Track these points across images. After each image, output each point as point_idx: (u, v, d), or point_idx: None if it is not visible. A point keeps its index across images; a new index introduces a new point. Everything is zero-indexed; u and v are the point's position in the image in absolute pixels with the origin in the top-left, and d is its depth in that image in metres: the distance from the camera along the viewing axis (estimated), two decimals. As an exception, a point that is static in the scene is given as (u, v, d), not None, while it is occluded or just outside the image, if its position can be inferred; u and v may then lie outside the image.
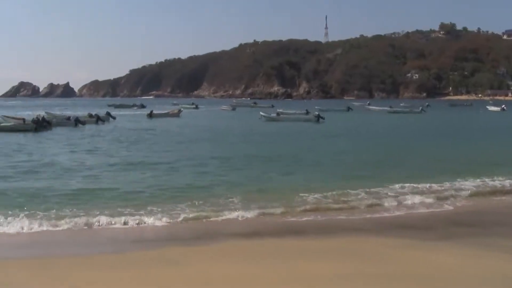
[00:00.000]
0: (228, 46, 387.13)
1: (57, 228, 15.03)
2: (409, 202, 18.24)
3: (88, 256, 12.60)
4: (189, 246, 13.22)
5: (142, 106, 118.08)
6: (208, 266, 11.37)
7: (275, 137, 45.85)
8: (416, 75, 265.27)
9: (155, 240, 14.17)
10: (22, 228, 14.93)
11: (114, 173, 24.92)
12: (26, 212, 16.23)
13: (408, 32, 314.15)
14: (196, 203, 17.72)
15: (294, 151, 34.31)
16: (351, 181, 21.62)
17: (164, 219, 15.76)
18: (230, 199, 18.23)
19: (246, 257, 12.11)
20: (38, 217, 15.89)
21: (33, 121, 53.25)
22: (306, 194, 18.92)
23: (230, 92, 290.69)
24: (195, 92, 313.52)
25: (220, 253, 12.55)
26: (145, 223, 15.60)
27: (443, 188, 20.53)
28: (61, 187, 20.87)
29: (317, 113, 73.63)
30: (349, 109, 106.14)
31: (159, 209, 16.74)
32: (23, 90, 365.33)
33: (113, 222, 15.52)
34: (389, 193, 19.40)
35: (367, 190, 19.72)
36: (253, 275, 10.60)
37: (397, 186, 20.54)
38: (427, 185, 20.72)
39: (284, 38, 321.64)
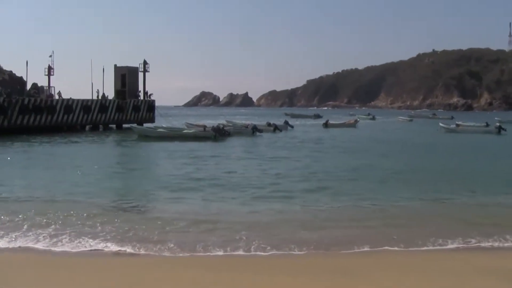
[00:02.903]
0: (406, 56, 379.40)
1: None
2: None
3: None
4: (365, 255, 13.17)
5: (318, 116, 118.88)
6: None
7: (458, 151, 43.97)
8: None
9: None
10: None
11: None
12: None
13: None
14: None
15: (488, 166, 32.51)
16: None
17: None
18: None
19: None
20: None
21: (213, 129, 55.39)
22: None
23: (408, 103, 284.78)
24: (372, 103, 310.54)
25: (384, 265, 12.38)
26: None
27: None
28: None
29: (498, 124, 70.63)
30: None
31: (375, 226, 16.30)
32: (204, 100, 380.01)
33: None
34: None
35: None
36: None
37: None
38: None
39: (464, 47, 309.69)
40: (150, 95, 75.82)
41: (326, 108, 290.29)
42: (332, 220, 16.92)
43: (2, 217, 16.81)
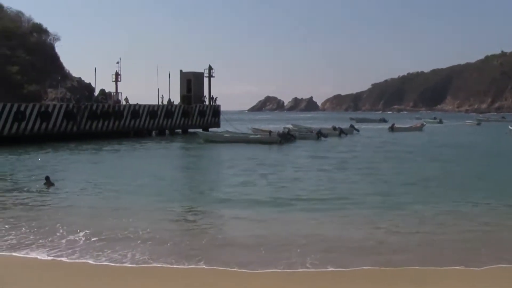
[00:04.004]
0: (473, 58, 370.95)
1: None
2: None
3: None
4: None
5: (384, 120, 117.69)
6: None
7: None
8: None
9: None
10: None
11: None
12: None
13: None
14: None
15: None
16: None
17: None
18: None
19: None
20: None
21: (279, 134, 55.32)
22: None
23: (475, 106, 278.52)
24: (438, 106, 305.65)
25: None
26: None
27: None
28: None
29: None
30: None
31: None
32: (269, 104, 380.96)
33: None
34: None
35: None
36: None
37: None
38: None
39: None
40: (216, 99, 76.41)
41: (391, 112, 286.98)
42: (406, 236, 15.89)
43: (57, 224, 17.05)
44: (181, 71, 75.73)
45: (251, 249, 14.15)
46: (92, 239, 14.99)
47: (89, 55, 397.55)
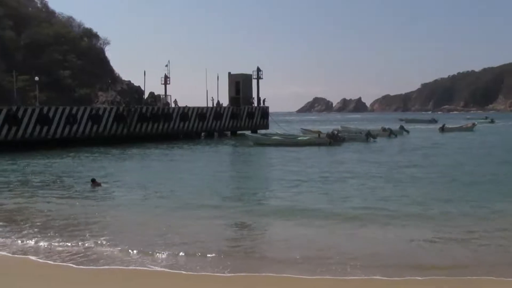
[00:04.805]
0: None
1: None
2: None
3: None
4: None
5: (434, 121, 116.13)
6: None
7: None
8: None
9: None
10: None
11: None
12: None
13: None
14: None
15: None
16: None
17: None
18: None
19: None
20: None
21: (328, 135, 54.98)
22: None
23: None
24: (490, 106, 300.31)
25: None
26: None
27: None
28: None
29: None
30: None
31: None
32: (317, 106, 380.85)
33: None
34: None
35: None
36: None
37: None
38: None
39: None
40: (264, 100, 76.48)
41: (441, 112, 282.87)
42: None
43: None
44: (229, 73, 76.04)
45: (293, 259, 13.44)
46: (124, 244, 14.73)
47: (139, 59, 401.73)
